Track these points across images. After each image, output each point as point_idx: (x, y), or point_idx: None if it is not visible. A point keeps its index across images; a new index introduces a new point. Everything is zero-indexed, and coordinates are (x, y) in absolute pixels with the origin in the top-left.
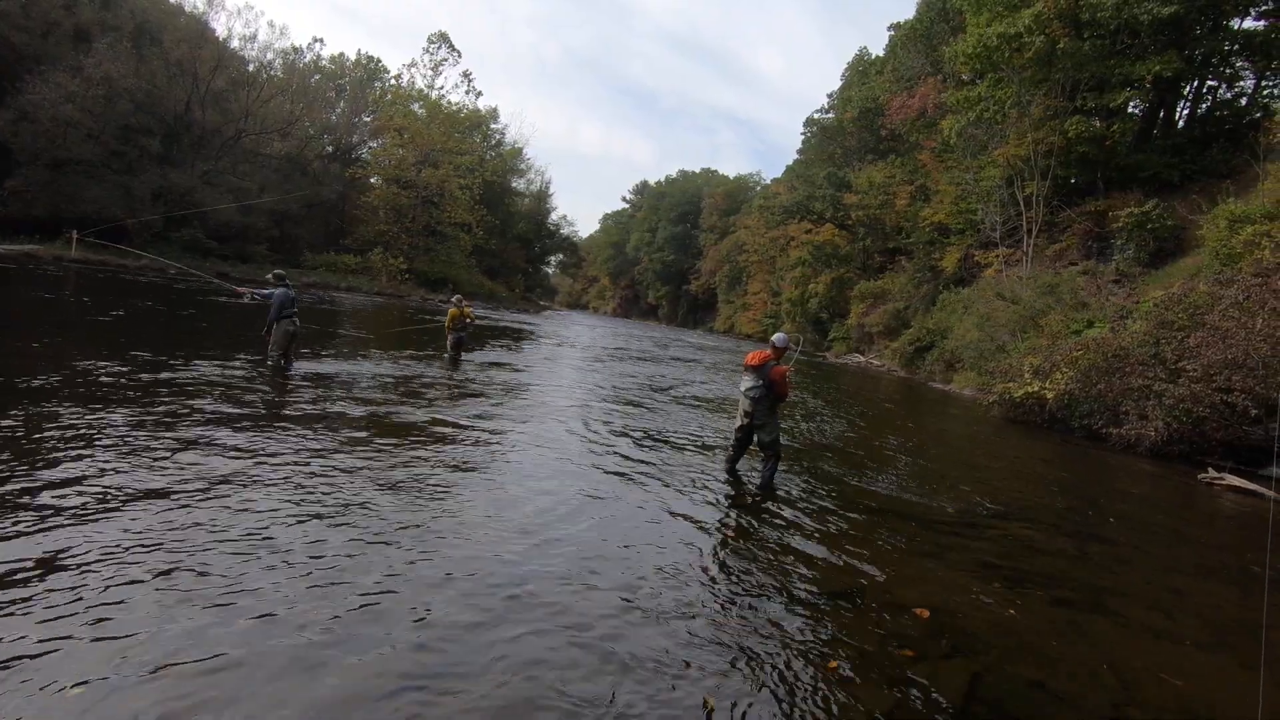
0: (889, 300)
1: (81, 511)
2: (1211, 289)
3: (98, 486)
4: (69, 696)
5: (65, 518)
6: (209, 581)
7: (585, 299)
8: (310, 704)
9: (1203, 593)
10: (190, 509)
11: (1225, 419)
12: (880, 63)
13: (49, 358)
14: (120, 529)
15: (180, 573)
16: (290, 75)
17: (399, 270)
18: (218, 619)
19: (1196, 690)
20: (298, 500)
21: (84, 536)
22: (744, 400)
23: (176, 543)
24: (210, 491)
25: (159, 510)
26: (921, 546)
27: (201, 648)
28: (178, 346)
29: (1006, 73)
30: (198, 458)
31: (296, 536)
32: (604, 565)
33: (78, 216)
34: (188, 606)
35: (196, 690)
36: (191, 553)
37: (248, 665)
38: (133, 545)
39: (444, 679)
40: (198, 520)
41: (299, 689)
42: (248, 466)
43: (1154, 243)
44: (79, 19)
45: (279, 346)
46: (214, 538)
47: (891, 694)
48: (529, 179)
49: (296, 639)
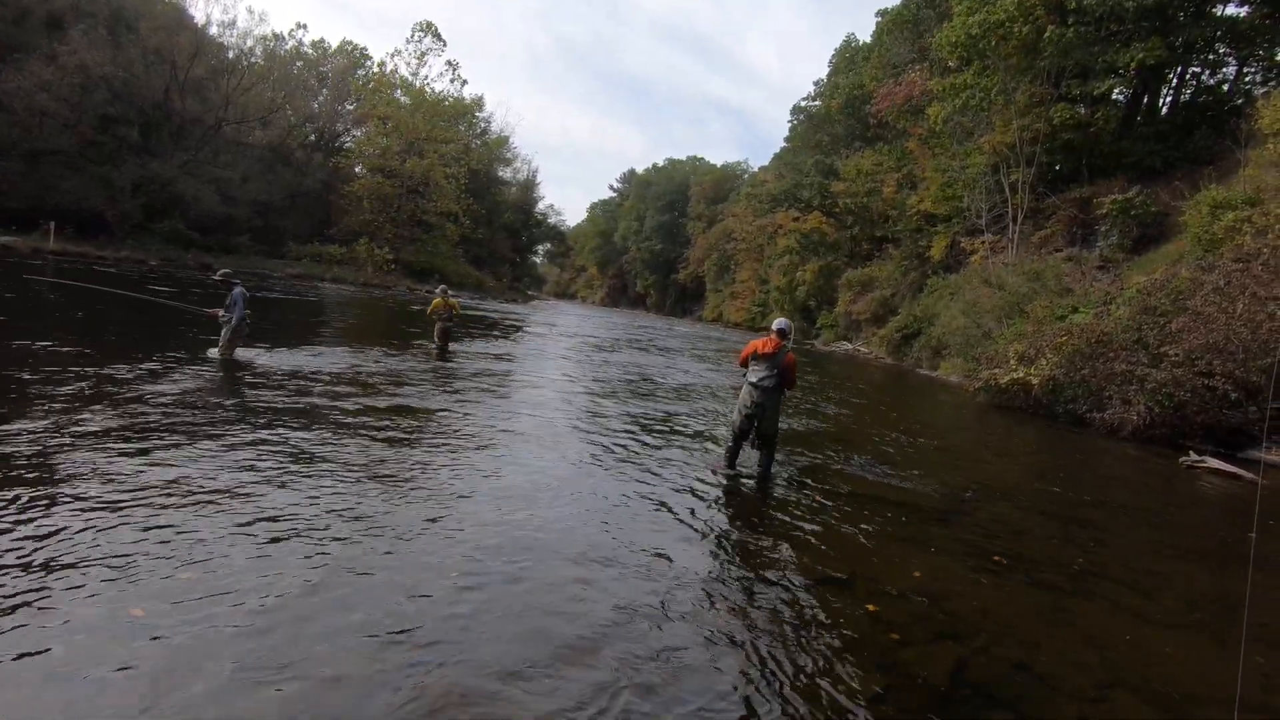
0: (876, 288)
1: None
2: (1194, 274)
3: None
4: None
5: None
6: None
7: (573, 289)
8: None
9: (1184, 574)
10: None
11: (1206, 403)
12: (867, 50)
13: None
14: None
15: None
16: (271, 63)
17: (385, 261)
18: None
19: (1177, 669)
20: (308, 499)
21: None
22: (753, 392)
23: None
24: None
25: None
26: (906, 531)
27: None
28: (132, 343)
29: (992, 60)
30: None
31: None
32: (591, 560)
33: (55, 208)
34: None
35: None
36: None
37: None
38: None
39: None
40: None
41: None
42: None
43: (1137, 229)
44: (52, 5)
45: (233, 345)
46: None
47: (877, 678)
48: (515, 168)
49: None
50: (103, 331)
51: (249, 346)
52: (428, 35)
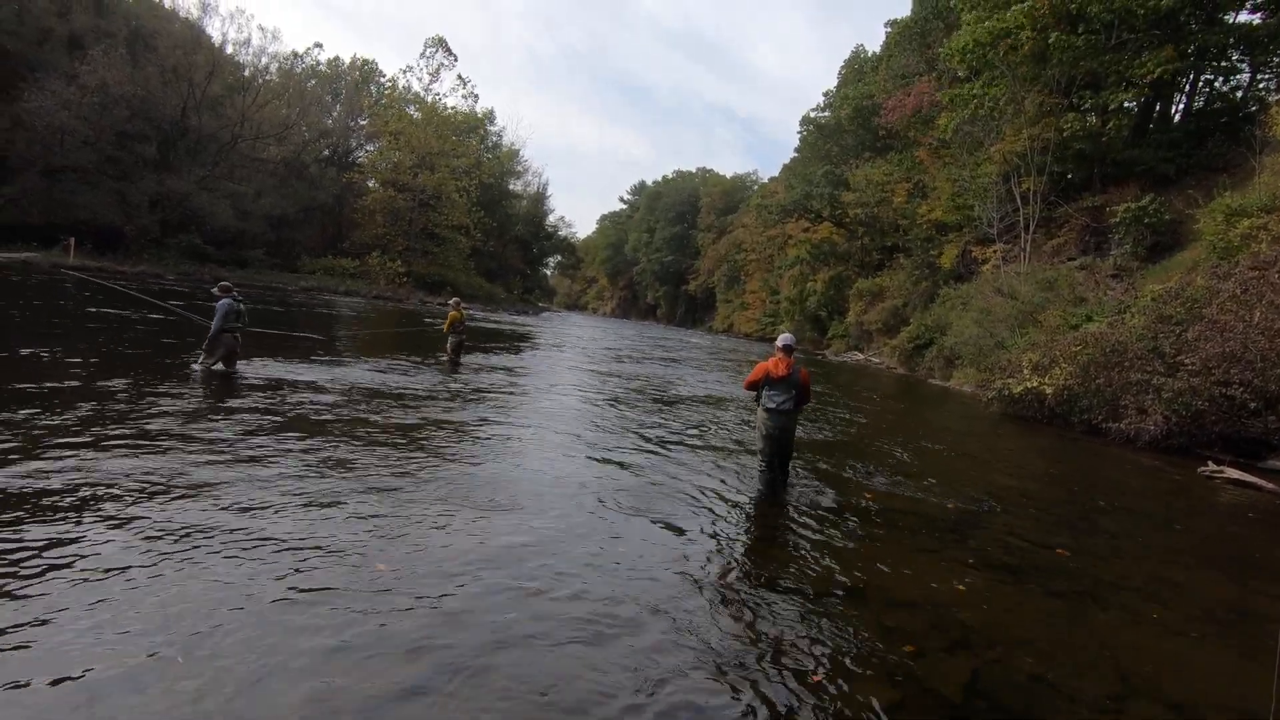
0: (887, 297)
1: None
2: (1209, 282)
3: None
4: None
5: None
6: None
7: (584, 300)
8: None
9: (1202, 584)
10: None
11: (1224, 412)
12: (876, 61)
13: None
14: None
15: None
16: (286, 80)
17: (397, 273)
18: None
19: (1197, 680)
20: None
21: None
22: (775, 418)
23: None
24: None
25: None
26: (921, 541)
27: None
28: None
29: (1000, 69)
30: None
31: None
32: (598, 570)
33: (74, 223)
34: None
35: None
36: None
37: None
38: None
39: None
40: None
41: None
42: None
43: (1151, 237)
44: (73, 26)
45: (213, 357)
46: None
47: (892, 689)
48: (526, 181)
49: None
50: (120, 341)
51: (266, 358)
52: (439, 51)
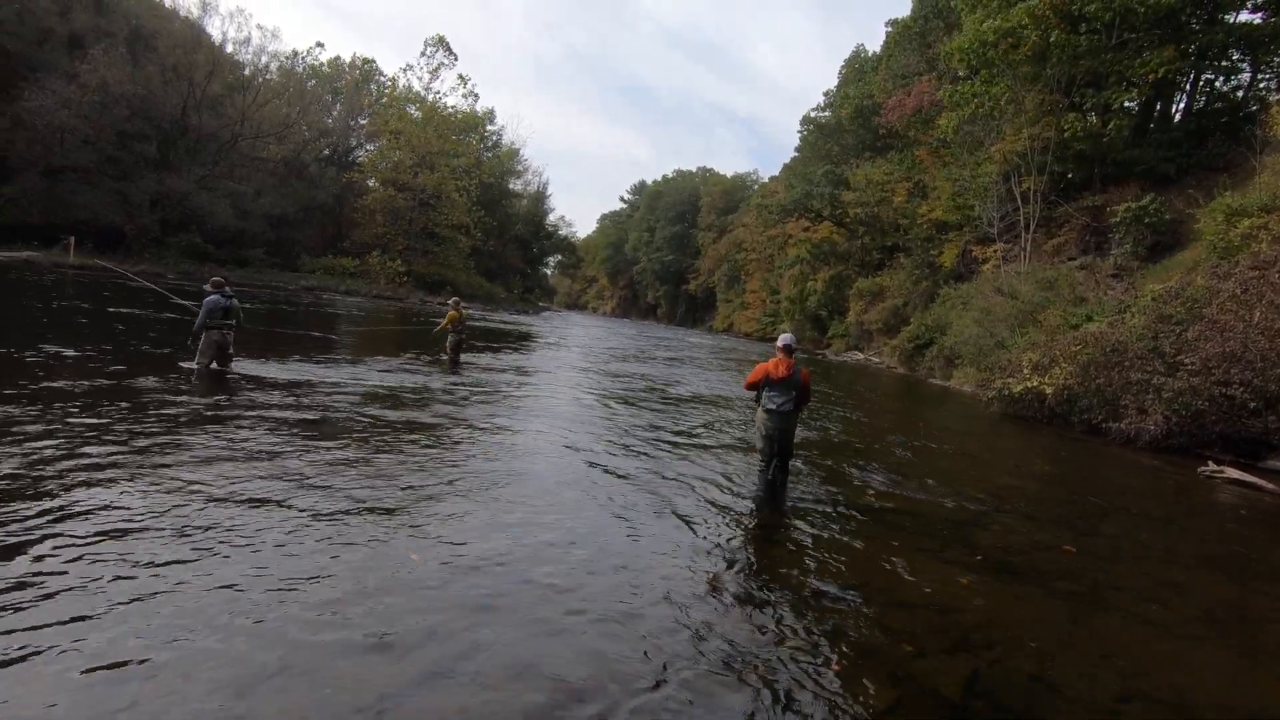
0: (887, 297)
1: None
2: (1209, 282)
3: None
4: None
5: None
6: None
7: (584, 299)
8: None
9: (1202, 584)
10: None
11: (1224, 412)
12: (877, 60)
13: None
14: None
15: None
16: (286, 79)
17: (397, 273)
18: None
19: (1197, 681)
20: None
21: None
22: (775, 419)
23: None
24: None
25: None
26: (920, 542)
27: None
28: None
29: (1001, 68)
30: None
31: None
32: (604, 569)
33: (74, 223)
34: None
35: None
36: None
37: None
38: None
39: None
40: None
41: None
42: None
43: (1151, 236)
44: (73, 25)
45: (206, 356)
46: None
47: (892, 689)
48: (526, 180)
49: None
50: (126, 338)
51: (257, 358)
52: (439, 50)
